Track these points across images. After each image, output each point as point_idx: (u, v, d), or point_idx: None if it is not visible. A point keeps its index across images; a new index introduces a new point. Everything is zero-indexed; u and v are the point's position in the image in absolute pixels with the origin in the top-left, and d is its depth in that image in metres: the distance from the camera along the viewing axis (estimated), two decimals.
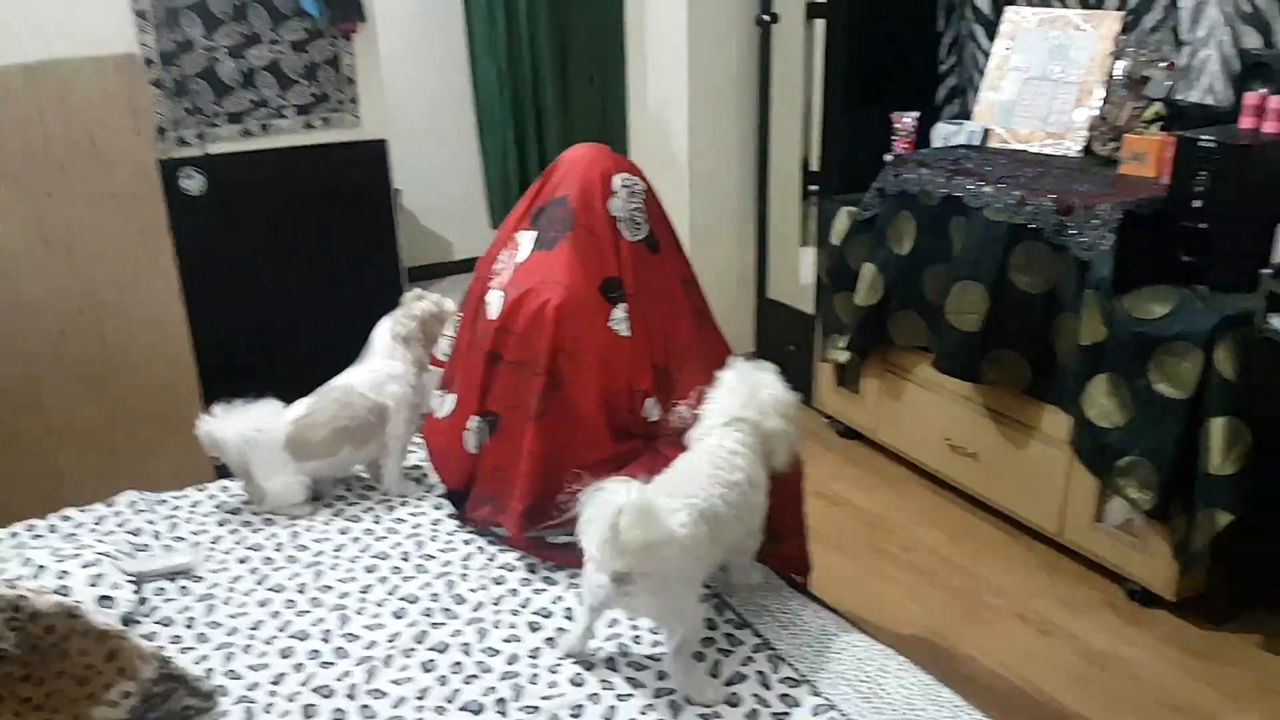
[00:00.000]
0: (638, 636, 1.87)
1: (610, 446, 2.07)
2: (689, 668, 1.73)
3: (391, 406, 2.38)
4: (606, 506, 1.57)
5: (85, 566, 1.88)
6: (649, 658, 1.81)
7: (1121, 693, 2.52)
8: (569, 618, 1.92)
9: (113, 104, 2.87)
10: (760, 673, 1.78)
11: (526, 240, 2.18)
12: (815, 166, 3.94)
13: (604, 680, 1.76)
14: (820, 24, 3.74)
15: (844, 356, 3.61)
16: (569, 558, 2.02)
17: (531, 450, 2.05)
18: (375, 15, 3.25)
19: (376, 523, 2.30)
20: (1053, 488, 2.98)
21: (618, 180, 2.16)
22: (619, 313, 2.09)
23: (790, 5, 3.86)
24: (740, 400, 1.91)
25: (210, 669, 1.81)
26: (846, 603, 2.80)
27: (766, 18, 3.90)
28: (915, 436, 3.47)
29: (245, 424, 2.28)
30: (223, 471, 2.40)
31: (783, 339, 4.20)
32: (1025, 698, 2.51)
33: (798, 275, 4.12)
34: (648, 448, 2.09)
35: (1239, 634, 2.71)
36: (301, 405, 2.36)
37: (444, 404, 2.30)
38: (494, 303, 2.15)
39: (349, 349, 3.09)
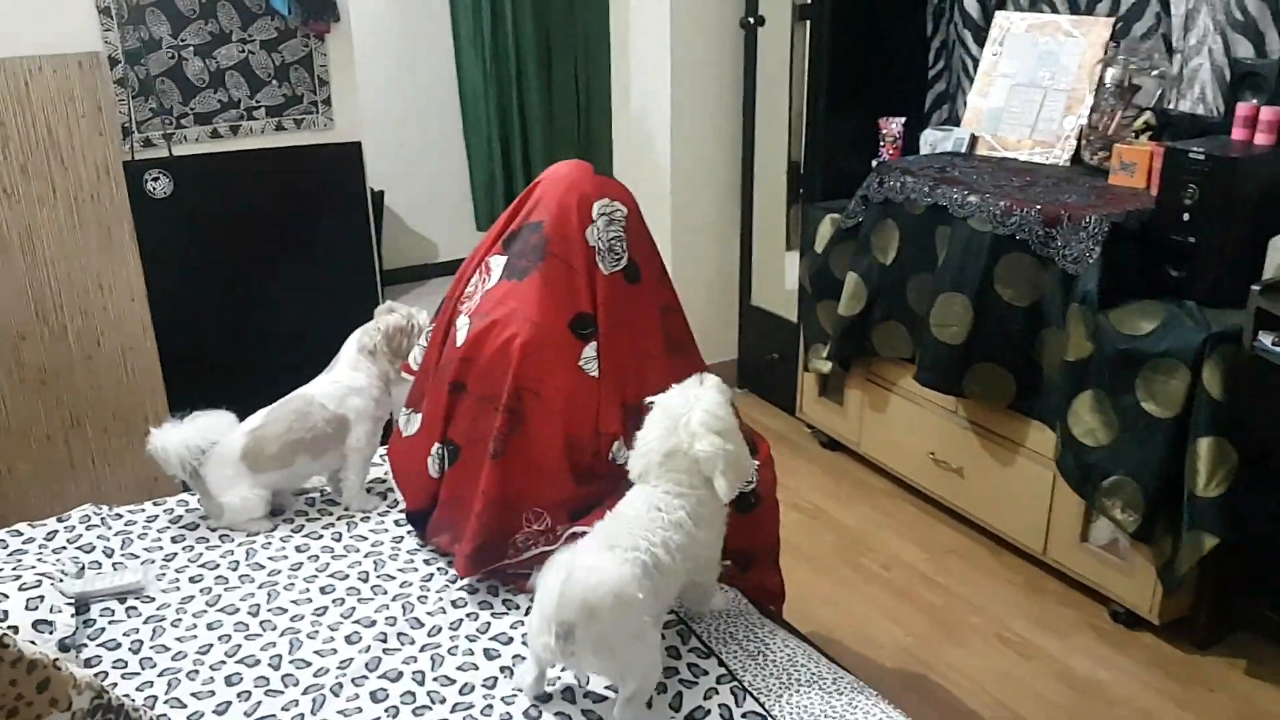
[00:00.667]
0: None
1: (572, 489, 1.97)
2: (640, 714, 1.66)
3: (352, 419, 2.31)
4: (557, 571, 1.60)
5: (23, 589, 1.80)
6: (610, 688, 1.75)
7: (1101, 718, 2.45)
8: (528, 644, 1.86)
9: (75, 104, 2.80)
10: (724, 706, 1.71)
11: (497, 266, 2.09)
12: (804, 170, 3.87)
13: (560, 713, 1.69)
14: (808, 26, 3.67)
15: (826, 366, 3.54)
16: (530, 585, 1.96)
17: (486, 491, 1.97)
18: (350, 15, 3.17)
19: (336, 540, 2.23)
20: (1038, 505, 2.92)
21: (597, 207, 2.03)
22: (589, 351, 1.99)
23: (777, 7, 3.79)
24: (667, 430, 1.79)
25: (153, 697, 1.75)
26: (822, 621, 2.76)
27: (751, 20, 3.83)
28: (899, 449, 3.41)
29: (196, 437, 2.21)
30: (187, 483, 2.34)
31: (766, 347, 4.13)
32: None
33: (783, 281, 4.05)
34: (612, 490, 1.95)
35: (1223, 658, 2.64)
36: (258, 416, 2.30)
37: (410, 423, 2.22)
38: (461, 329, 2.07)
39: (323, 356, 3.00)
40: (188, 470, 2.21)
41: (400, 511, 2.29)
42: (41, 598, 1.81)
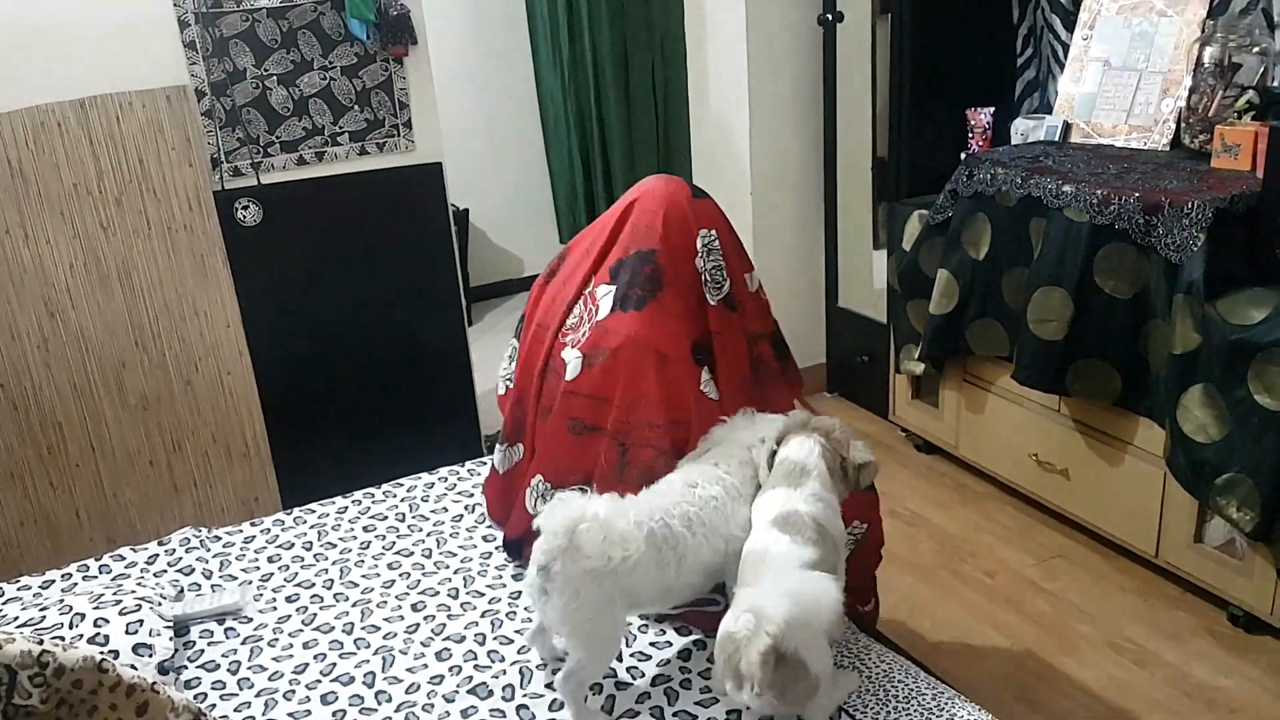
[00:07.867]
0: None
1: None
2: (576, 697, 1.68)
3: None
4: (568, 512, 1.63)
5: (123, 614, 1.84)
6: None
7: None
8: (628, 669, 1.83)
9: (165, 136, 2.88)
10: None
11: (605, 295, 2.06)
12: (889, 166, 3.78)
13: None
14: (889, 19, 3.59)
15: (919, 368, 3.45)
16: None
17: None
18: (427, 37, 3.20)
19: (427, 556, 2.24)
20: (1149, 506, 2.79)
21: (701, 239, 2.05)
22: (705, 375, 2.01)
23: (856, 2, 3.72)
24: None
25: (250, 718, 1.77)
26: (922, 632, 2.67)
27: (830, 17, 3.76)
28: (999, 451, 3.30)
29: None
30: (287, 502, 2.30)
31: (855, 349, 4.04)
32: None
33: (871, 282, 3.97)
34: None
35: None
36: (806, 547, 1.64)
37: (508, 457, 2.23)
38: (571, 361, 2.04)
39: (411, 375, 3.03)
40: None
41: (487, 527, 2.29)
42: (141, 622, 1.85)
